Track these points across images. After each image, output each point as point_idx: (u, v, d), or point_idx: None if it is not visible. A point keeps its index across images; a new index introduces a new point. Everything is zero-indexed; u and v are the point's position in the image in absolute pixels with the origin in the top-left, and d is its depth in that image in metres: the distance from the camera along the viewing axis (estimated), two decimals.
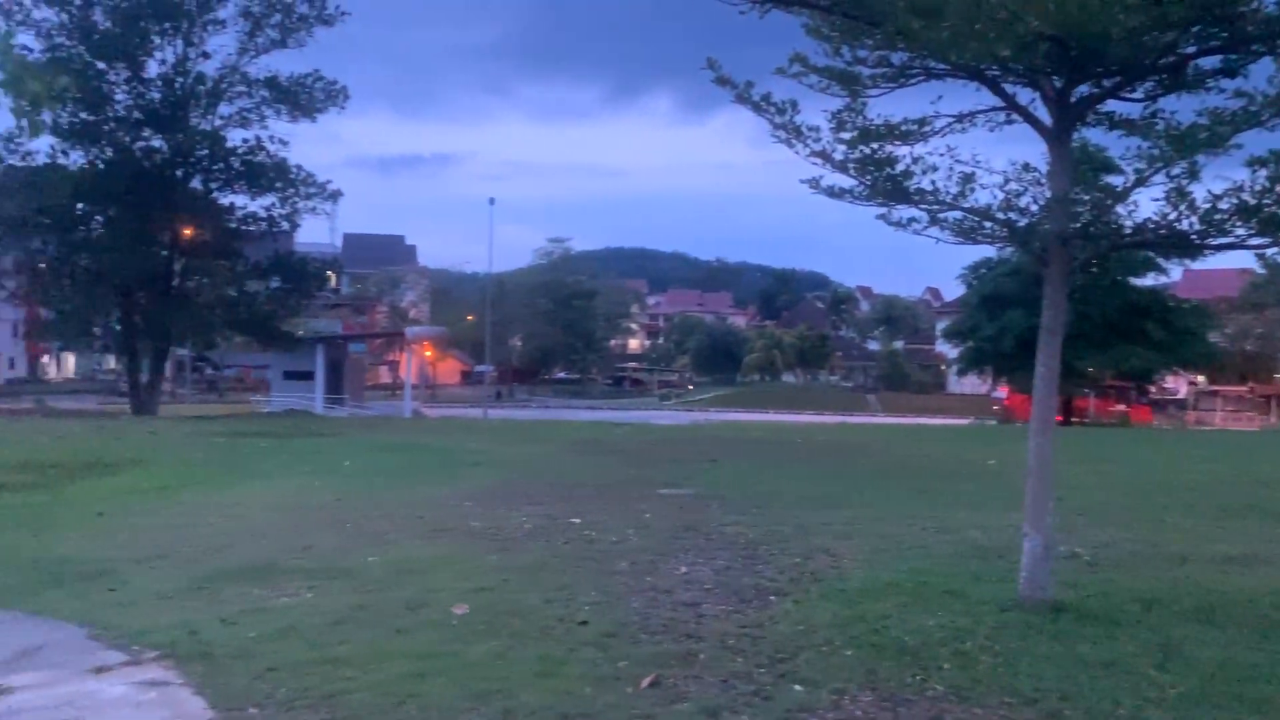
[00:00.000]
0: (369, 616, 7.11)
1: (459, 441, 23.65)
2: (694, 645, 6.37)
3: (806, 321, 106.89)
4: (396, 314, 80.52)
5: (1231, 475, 17.71)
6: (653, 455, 20.53)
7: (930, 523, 11.22)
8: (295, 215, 40.58)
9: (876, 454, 21.86)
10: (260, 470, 17.21)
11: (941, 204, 6.88)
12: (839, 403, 73.00)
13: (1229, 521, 11.97)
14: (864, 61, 6.99)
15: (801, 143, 6.86)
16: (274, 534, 10.65)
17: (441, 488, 14.55)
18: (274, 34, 38.54)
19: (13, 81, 4.70)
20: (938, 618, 6.84)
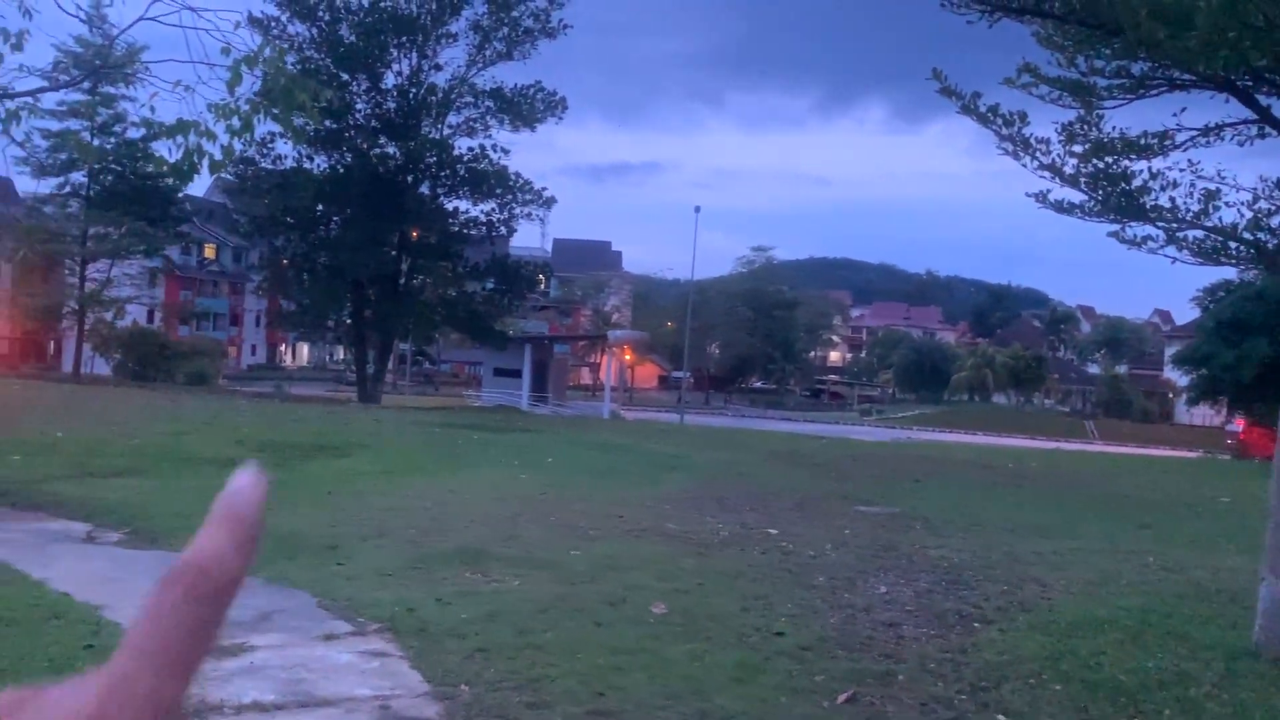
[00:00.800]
0: (571, 608, 7.37)
1: (656, 445, 24.01)
2: (893, 665, 6.27)
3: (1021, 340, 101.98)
4: (599, 317, 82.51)
5: None
6: (852, 471, 20.18)
7: (1153, 559, 10.53)
8: (512, 221, 42.39)
9: (1095, 483, 20.66)
10: (471, 460, 18.07)
11: (1181, 222, 6.48)
12: (1054, 428, 69.24)
13: None
14: (1100, 72, 6.67)
15: (1030, 156, 6.61)
16: (484, 522, 11.17)
17: (639, 489, 14.84)
18: (500, 46, 40.40)
19: (283, 94, 5.20)
20: (1157, 659, 6.44)
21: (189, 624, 0.31)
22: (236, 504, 0.35)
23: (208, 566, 0.33)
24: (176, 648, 0.31)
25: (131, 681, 0.30)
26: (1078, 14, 6.55)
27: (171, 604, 0.32)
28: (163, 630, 0.31)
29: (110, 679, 0.30)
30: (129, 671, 0.30)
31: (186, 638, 0.31)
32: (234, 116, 5.15)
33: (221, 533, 0.34)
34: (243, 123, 5.13)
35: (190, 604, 0.32)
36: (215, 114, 5.26)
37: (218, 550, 0.33)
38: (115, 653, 0.31)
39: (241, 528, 0.35)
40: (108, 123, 41.21)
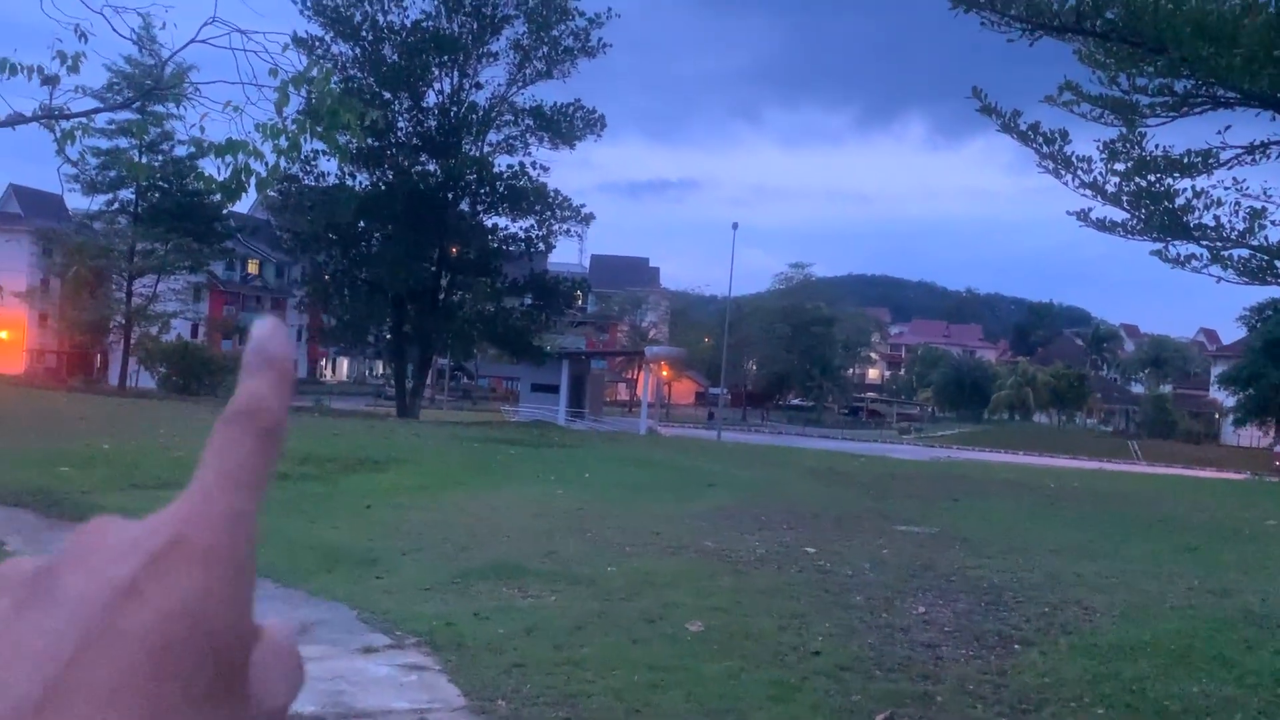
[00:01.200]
0: (608, 624, 7.39)
1: (693, 461, 23.99)
2: (931, 686, 6.22)
3: (1063, 359, 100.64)
4: (636, 333, 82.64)
5: None
6: (891, 489, 20.04)
7: (1198, 582, 10.35)
8: (550, 237, 42.60)
9: (1138, 504, 20.34)
10: (509, 475, 18.16)
11: (1225, 240, 6.41)
12: (1097, 447, 68.20)
13: None
14: (1143, 90, 6.63)
15: (1071, 174, 6.57)
16: (521, 537, 11.23)
17: (676, 505, 14.83)
18: (541, 65, 40.73)
19: (330, 115, 5.30)
20: (1202, 684, 6.34)
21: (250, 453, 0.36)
22: (266, 350, 0.38)
23: (255, 409, 0.36)
24: (243, 472, 0.35)
25: (210, 501, 0.34)
26: (1120, 32, 6.51)
27: (230, 439, 0.36)
28: (226, 460, 0.35)
29: (190, 501, 0.35)
30: (204, 494, 0.35)
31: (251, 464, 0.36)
32: (281, 136, 5.26)
33: (260, 378, 0.37)
34: (290, 142, 5.23)
35: (249, 437, 0.36)
36: (263, 134, 5.37)
37: (260, 393, 0.37)
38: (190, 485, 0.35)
39: (275, 370, 0.37)
40: (155, 141, 42.05)
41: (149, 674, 0.30)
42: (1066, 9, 6.50)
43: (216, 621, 0.32)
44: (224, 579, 0.33)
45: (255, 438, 0.36)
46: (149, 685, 0.30)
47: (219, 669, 0.32)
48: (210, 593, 0.32)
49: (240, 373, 0.37)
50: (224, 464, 0.35)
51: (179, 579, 0.32)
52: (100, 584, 0.32)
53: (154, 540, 0.33)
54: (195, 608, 0.32)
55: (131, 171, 32.39)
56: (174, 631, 0.31)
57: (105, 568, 0.33)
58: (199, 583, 0.32)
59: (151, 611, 0.31)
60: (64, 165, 6.63)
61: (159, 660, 0.30)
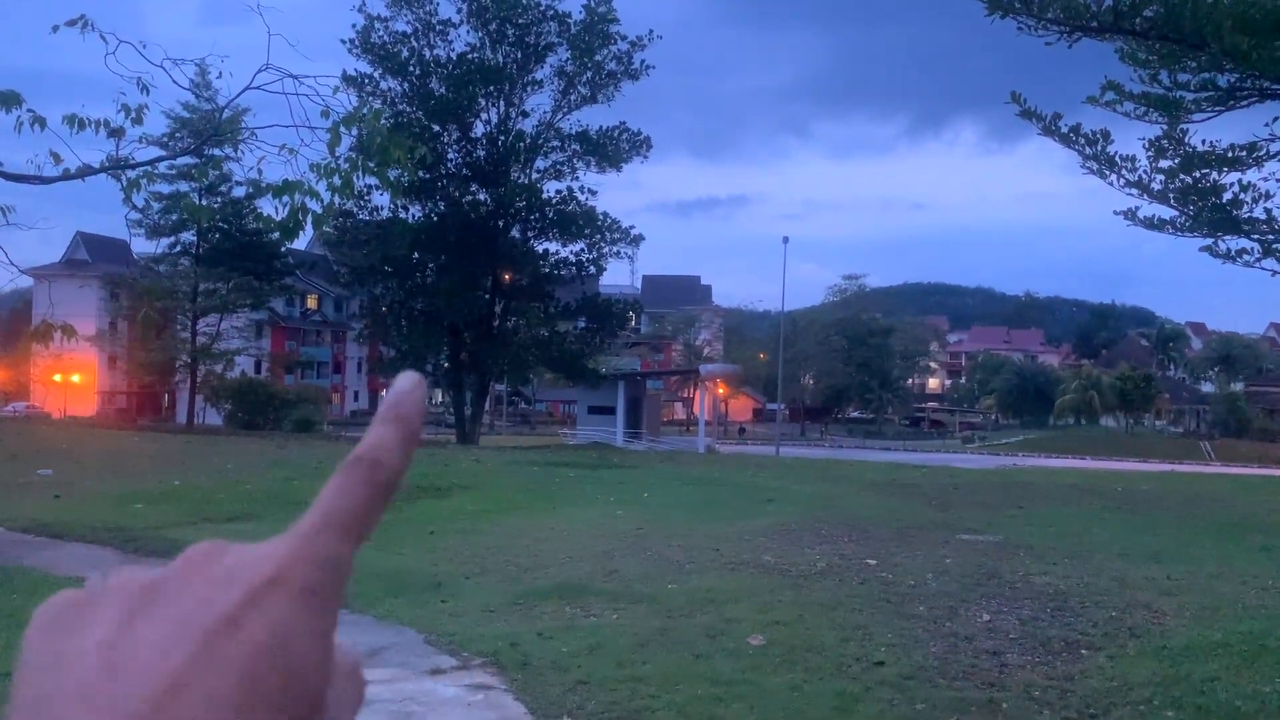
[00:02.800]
0: (670, 640, 7.45)
1: (752, 478, 23.94)
2: (996, 694, 6.18)
3: (1129, 360, 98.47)
4: (691, 352, 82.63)
5: None
6: (954, 499, 19.81)
7: (1272, 583, 10.12)
8: (601, 260, 42.93)
9: (1210, 506, 19.87)
10: (569, 498, 18.30)
11: (1278, 234, 6.33)
12: (1167, 450, 66.64)
13: None
14: (1186, 86, 6.58)
15: (1115, 173, 6.54)
16: (582, 558, 11.33)
17: (736, 522, 14.84)
18: (585, 90, 41.20)
19: (380, 150, 5.49)
20: (1275, 685, 6.22)
21: (362, 501, 0.38)
22: (402, 405, 0.40)
23: (379, 458, 0.39)
24: (350, 518, 0.37)
25: (313, 541, 0.37)
26: (1159, 29, 6.48)
27: (348, 484, 0.38)
28: (340, 505, 0.37)
29: (295, 538, 0.37)
30: (312, 533, 0.37)
31: (360, 511, 0.38)
32: (335, 175, 5.45)
33: (389, 430, 0.40)
34: (343, 181, 5.42)
35: (364, 486, 0.38)
36: (317, 173, 5.58)
37: (386, 444, 0.39)
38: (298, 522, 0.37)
39: (405, 426, 0.40)
40: (214, 183, 43.21)
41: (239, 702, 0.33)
42: (1104, 9, 6.50)
43: (306, 657, 0.35)
44: (316, 618, 0.35)
45: (370, 486, 0.38)
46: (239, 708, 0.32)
47: (302, 699, 0.34)
48: (302, 631, 0.35)
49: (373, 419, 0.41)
50: (334, 507, 0.38)
51: (275, 615, 0.35)
52: (204, 609, 0.34)
53: (256, 574, 0.36)
54: (288, 643, 0.34)
55: (192, 214, 33.34)
56: (265, 664, 0.33)
57: (209, 593, 0.35)
58: (293, 620, 0.35)
59: (248, 643, 0.34)
60: (129, 212, 6.92)
61: (249, 689, 0.33)
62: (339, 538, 0.37)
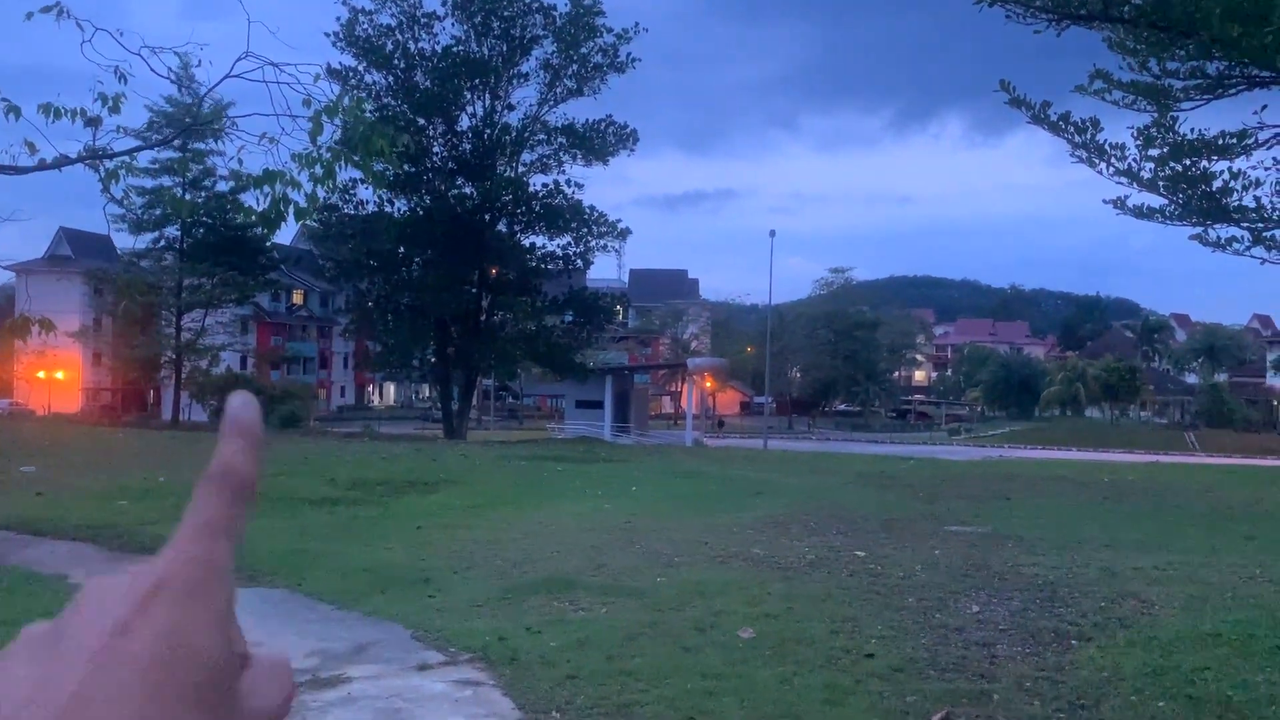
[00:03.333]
0: (659, 634, 7.40)
1: (740, 471, 23.94)
2: (987, 685, 6.16)
3: (1114, 352, 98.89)
4: (678, 346, 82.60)
5: None
6: (941, 491, 19.84)
7: (1260, 572, 10.14)
8: (588, 253, 42.81)
9: (1196, 496, 19.96)
10: (557, 492, 18.25)
11: (1267, 221, 6.30)
12: (1152, 440, 66.99)
13: None
14: (1175, 74, 6.55)
15: (1105, 162, 6.51)
16: (571, 552, 11.28)
17: (724, 515, 14.81)
18: (571, 84, 41.03)
19: (363, 141, 5.41)
20: (1266, 674, 6.22)
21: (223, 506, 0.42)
22: (238, 420, 0.44)
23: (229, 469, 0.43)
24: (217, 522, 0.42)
25: (187, 547, 0.41)
26: (1148, 17, 6.45)
27: (208, 495, 0.42)
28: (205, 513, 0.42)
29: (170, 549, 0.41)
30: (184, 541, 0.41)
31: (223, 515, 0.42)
32: (317, 165, 5.37)
33: (231, 443, 0.44)
34: (325, 170, 5.34)
35: (221, 493, 0.42)
36: (299, 164, 5.49)
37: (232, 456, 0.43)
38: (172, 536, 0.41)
39: (245, 436, 0.44)
40: (198, 178, 42.92)
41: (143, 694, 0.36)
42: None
43: (198, 646, 0.38)
44: (202, 611, 0.39)
45: (227, 495, 0.43)
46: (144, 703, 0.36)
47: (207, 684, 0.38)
48: (190, 624, 0.38)
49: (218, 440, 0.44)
50: (199, 518, 0.42)
51: (161, 615, 0.38)
52: (98, 628, 0.38)
53: (140, 586, 0.39)
54: (178, 637, 0.38)
55: (175, 208, 33.13)
56: (160, 657, 0.37)
57: (101, 615, 0.39)
58: (179, 616, 0.38)
59: (140, 643, 0.37)
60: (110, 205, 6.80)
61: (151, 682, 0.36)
62: (210, 540, 0.41)
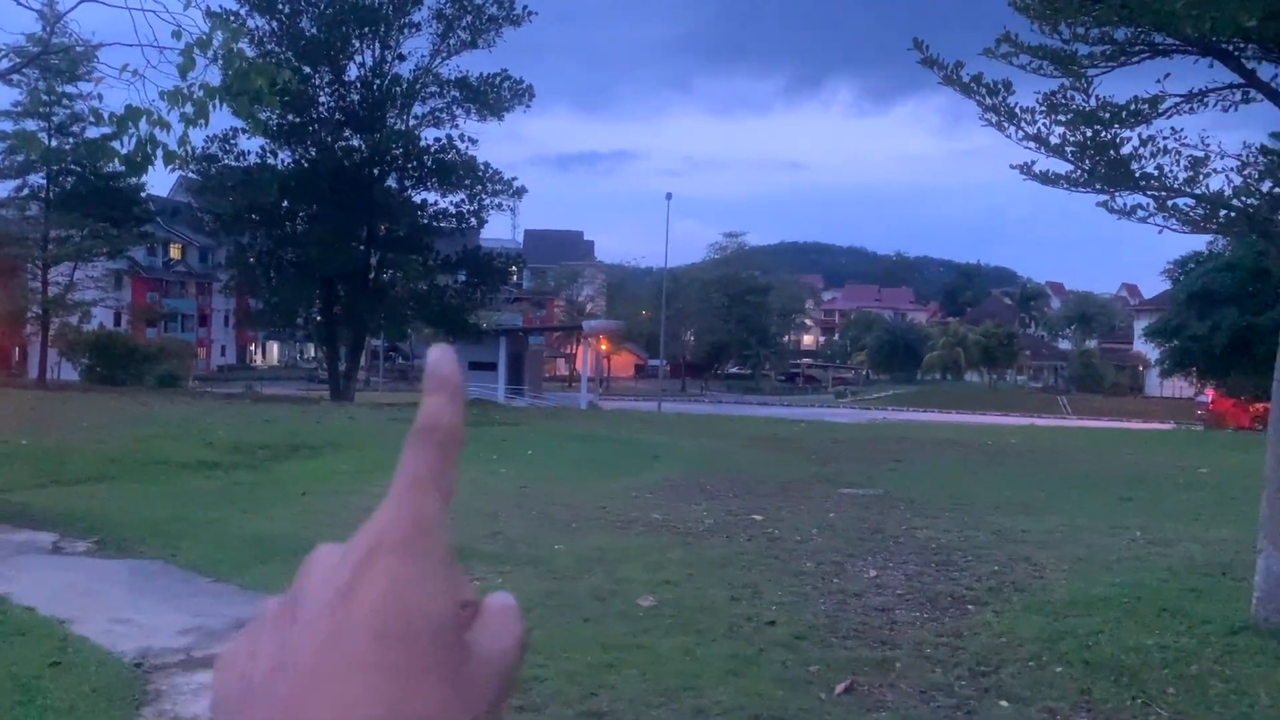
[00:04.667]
0: (558, 604, 7.18)
1: (636, 434, 23.85)
2: (889, 652, 6.12)
3: (992, 318, 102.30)
4: (574, 308, 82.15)
5: None
6: (833, 453, 20.10)
7: (1140, 533, 10.47)
8: (482, 212, 41.95)
9: (1073, 458, 20.69)
10: None
11: (1170, 190, 6.34)
12: (1027, 404, 69.71)
13: None
14: (1083, 38, 6.51)
15: (1015, 126, 6.45)
16: (464, 519, 10.94)
17: (621, 479, 14.66)
18: (464, 35, 39.89)
19: (238, 78, 4.94)
20: (1157, 637, 6.34)
21: (431, 461, 0.42)
22: (439, 371, 0.44)
23: (434, 423, 0.43)
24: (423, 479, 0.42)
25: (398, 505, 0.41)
26: None
27: (416, 451, 0.42)
28: (413, 469, 0.42)
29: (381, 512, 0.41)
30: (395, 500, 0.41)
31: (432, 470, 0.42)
32: (187, 104, 4.89)
33: (434, 397, 0.43)
34: (197, 109, 4.86)
35: (429, 448, 0.42)
36: (168, 101, 4.99)
37: (436, 409, 0.43)
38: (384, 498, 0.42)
39: (447, 388, 0.44)
40: (64, 123, 40.47)
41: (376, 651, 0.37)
42: None
43: (420, 602, 0.39)
44: (420, 567, 0.40)
45: (434, 448, 0.42)
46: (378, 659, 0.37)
47: (434, 637, 0.39)
48: (409, 580, 0.39)
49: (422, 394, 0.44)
50: (408, 474, 0.42)
51: (381, 574, 0.39)
52: (324, 595, 0.40)
53: (358, 549, 0.40)
54: (399, 594, 0.39)
55: (32, 149, 31.05)
56: (385, 616, 0.38)
57: (325, 581, 0.40)
58: (399, 572, 0.39)
59: (365, 603, 0.39)
60: None
61: (380, 638, 0.38)
62: (421, 495, 0.42)
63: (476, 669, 0.40)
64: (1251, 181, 6.30)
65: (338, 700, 0.36)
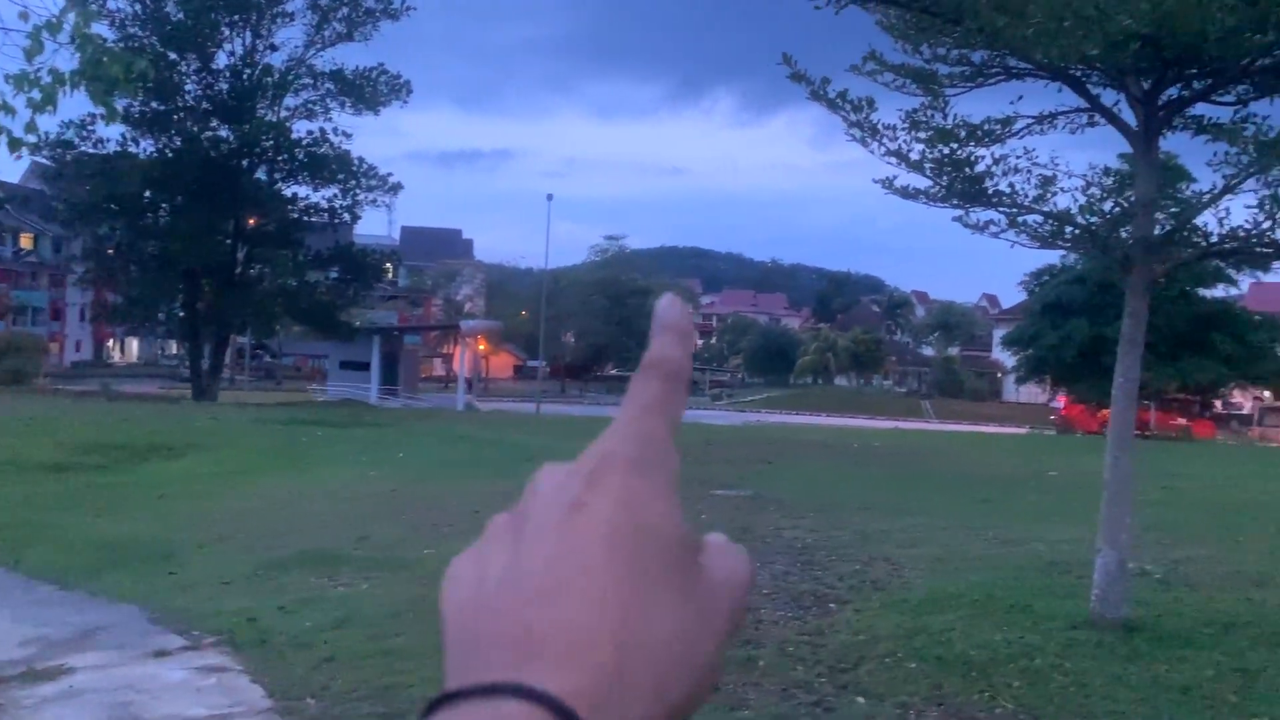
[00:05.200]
0: (427, 609, 7.09)
1: (513, 436, 23.71)
2: (753, 651, 6.25)
3: (861, 325, 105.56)
4: (451, 307, 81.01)
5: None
6: (706, 455, 20.38)
7: (994, 533, 10.96)
8: (356, 207, 41.00)
9: (935, 460, 21.51)
10: (317, 458, 17.38)
11: (1021, 207, 6.68)
12: (893, 408, 72.09)
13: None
14: (943, 59, 6.80)
15: (877, 141, 6.69)
16: (331, 523, 10.71)
17: (497, 482, 14.53)
18: (340, 27, 38.94)
19: (92, 64, 4.72)
20: (1004, 633, 6.65)
21: (658, 389, 0.44)
22: (669, 315, 0.46)
23: (658, 359, 0.45)
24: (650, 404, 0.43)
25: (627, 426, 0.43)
26: (920, 1, 6.65)
27: (641, 383, 0.44)
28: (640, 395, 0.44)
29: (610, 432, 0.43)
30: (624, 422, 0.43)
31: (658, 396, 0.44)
32: (34, 89, 4.64)
33: (666, 337, 0.45)
34: (45, 96, 4.62)
35: (656, 379, 0.44)
36: (13, 85, 4.74)
37: (662, 349, 0.45)
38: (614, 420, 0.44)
39: (674, 329, 0.45)
40: None
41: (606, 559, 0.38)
42: None
43: (650, 511, 0.40)
44: (649, 481, 0.41)
45: (660, 379, 0.44)
46: (612, 570, 0.38)
47: (665, 548, 0.39)
48: (640, 492, 0.40)
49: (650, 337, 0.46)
50: (637, 400, 0.44)
51: (611, 487, 0.40)
52: (555, 508, 0.40)
53: (588, 466, 0.42)
54: (630, 504, 0.40)
55: None
56: (616, 523, 0.39)
57: (556, 495, 0.41)
58: (628, 486, 0.40)
59: (597, 516, 0.39)
60: None
61: (611, 547, 0.38)
62: (648, 417, 0.43)
63: (713, 590, 0.40)
64: (1094, 201, 6.70)
65: (571, 610, 0.36)
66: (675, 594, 0.38)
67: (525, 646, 0.36)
